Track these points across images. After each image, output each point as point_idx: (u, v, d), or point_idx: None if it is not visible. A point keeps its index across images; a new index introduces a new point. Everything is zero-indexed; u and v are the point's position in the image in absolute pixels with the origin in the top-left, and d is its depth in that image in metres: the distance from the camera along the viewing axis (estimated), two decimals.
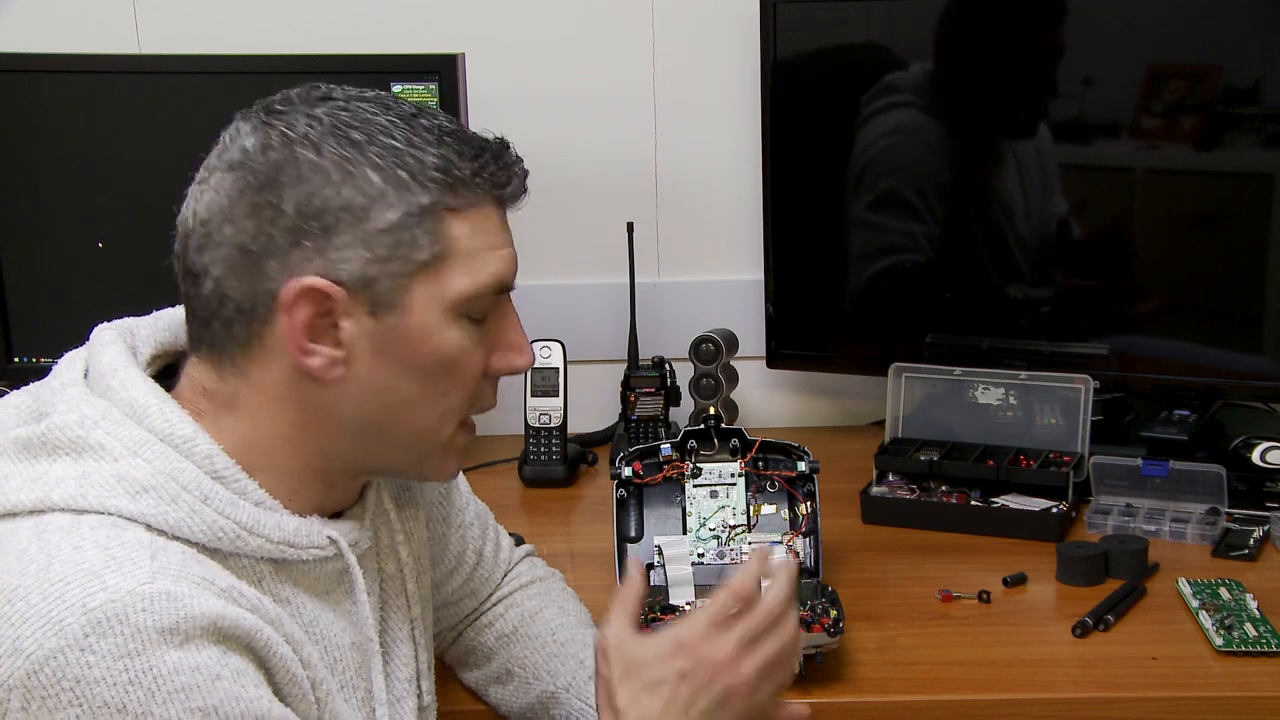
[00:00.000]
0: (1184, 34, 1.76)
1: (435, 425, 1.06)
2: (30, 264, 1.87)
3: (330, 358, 1.01)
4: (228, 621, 0.92)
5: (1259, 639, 1.37)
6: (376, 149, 1.00)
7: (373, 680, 1.10)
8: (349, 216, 0.99)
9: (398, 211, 0.99)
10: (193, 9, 2.01)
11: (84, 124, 1.82)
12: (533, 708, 1.31)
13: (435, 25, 2.03)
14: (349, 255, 0.99)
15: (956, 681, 1.35)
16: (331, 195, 0.99)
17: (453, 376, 1.05)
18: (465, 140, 1.03)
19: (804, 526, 1.50)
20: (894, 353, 1.87)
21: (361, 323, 1.01)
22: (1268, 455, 1.70)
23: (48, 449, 0.98)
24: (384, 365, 1.02)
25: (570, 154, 2.07)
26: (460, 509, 1.35)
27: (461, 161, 1.02)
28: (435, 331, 1.02)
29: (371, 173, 0.99)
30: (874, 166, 1.91)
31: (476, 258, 1.03)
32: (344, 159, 0.99)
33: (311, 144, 0.99)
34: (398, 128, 1.01)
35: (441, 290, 1.02)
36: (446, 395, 1.05)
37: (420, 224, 1.00)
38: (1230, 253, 1.80)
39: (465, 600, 1.37)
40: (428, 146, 1.01)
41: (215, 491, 0.99)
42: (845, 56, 1.96)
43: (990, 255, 1.91)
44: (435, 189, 1.00)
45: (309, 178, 0.99)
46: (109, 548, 0.92)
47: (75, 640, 0.87)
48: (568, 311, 2.07)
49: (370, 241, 0.99)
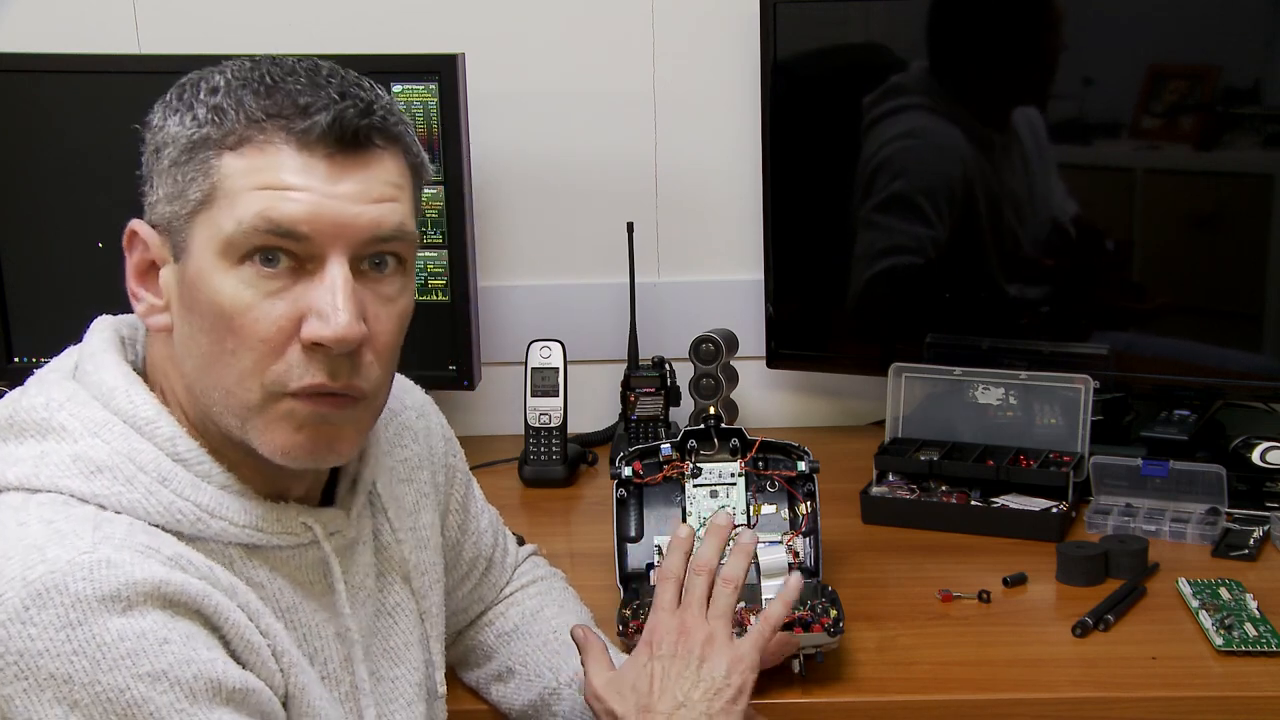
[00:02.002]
0: (1184, 34, 1.76)
1: (234, 388, 0.98)
2: (30, 264, 1.87)
3: (150, 304, 1.02)
4: (172, 587, 0.91)
5: (1259, 639, 1.37)
6: (193, 95, 0.99)
7: (355, 672, 1.09)
8: (154, 158, 1.00)
9: (178, 148, 0.98)
10: (193, 9, 2.01)
11: (84, 124, 1.82)
12: (534, 704, 1.31)
13: (435, 25, 2.02)
14: (157, 197, 1.00)
15: (956, 681, 1.35)
16: (151, 140, 1.00)
17: (235, 332, 0.96)
18: (279, 81, 0.98)
19: (804, 526, 1.50)
20: (894, 353, 1.87)
21: (172, 269, 1.00)
22: (1268, 455, 1.70)
23: (15, 430, 0.98)
24: (185, 316, 0.99)
25: (570, 154, 2.07)
26: (475, 516, 1.35)
27: (250, 98, 0.97)
28: (211, 277, 0.97)
29: (176, 115, 0.99)
30: (886, 168, 1.91)
31: (244, 197, 0.96)
32: (168, 108, 1.00)
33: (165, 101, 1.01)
34: (235, 77, 0.99)
35: (212, 231, 0.97)
36: (235, 354, 0.97)
37: (190, 159, 0.97)
38: (1230, 253, 1.80)
39: (473, 606, 1.38)
40: (234, 90, 0.98)
41: (175, 473, 0.98)
42: (845, 56, 1.96)
43: (996, 255, 1.91)
44: (211, 125, 0.97)
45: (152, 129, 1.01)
46: (54, 522, 0.92)
47: (16, 613, 0.87)
48: (568, 311, 2.07)
49: (164, 180, 0.99)
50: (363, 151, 0.98)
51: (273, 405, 0.98)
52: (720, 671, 1.16)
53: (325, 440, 1.00)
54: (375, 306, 1.00)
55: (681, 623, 1.20)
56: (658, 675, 1.17)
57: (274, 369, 0.97)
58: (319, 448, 1.00)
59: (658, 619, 1.22)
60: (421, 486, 1.23)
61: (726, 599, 1.21)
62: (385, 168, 1.00)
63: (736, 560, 1.25)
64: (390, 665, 1.15)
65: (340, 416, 1.00)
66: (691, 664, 1.17)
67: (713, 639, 1.18)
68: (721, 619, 1.20)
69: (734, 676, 1.16)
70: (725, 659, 1.17)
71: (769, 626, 1.22)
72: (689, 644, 1.18)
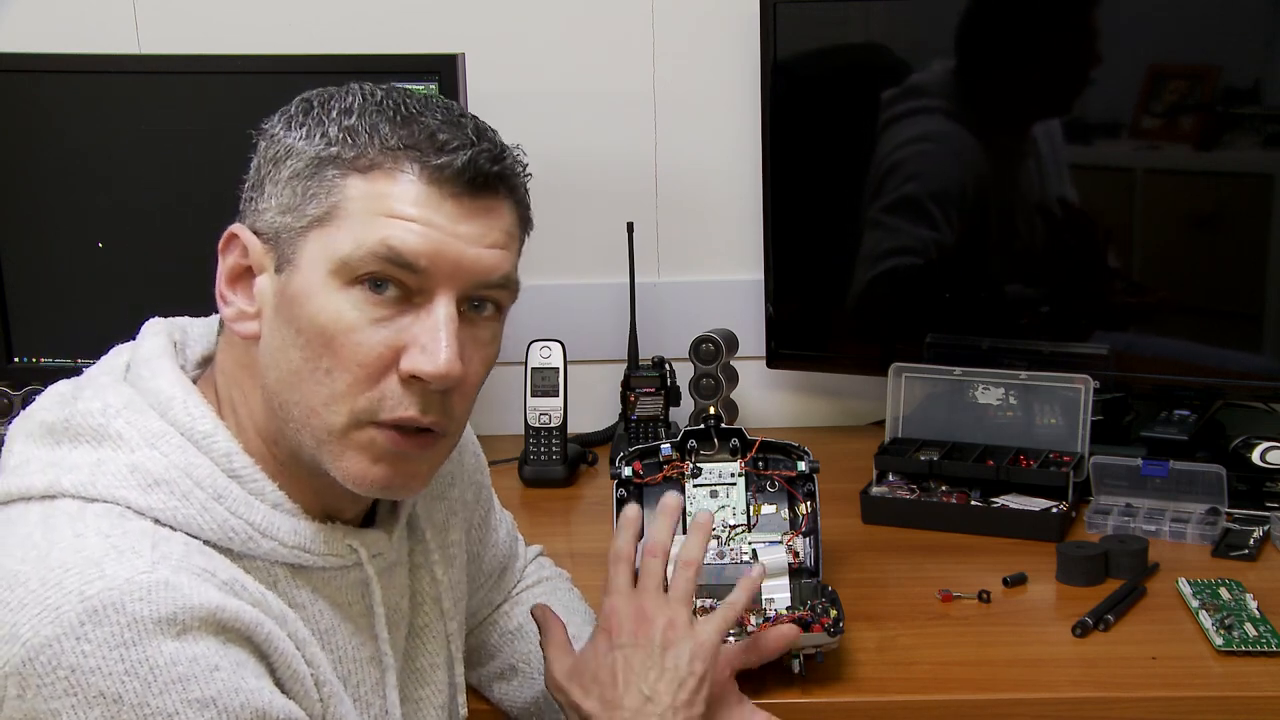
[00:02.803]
0: (1184, 34, 1.76)
1: (320, 408, 0.97)
2: (30, 264, 1.86)
3: (240, 310, 1.01)
4: (227, 613, 0.91)
5: (1259, 639, 1.37)
6: (332, 110, 1.00)
7: (387, 696, 1.09)
8: (272, 168, 1.00)
9: (302, 161, 0.98)
10: (193, 9, 2.01)
11: (84, 124, 1.82)
12: (536, 702, 1.31)
13: (435, 25, 2.02)
14: (267, 205, 1.00)
15: (956, 681, 1.35)
16: (270, 150, 1.01)
17: (334, 353, 0.97)
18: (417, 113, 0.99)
19: (804, 526, 1.50)
20: (894, 353, 1.87)
21: (271, 279, 1.00)
22: (1268, 455, 1.70)
23: (69, 435, 0.98)
24: (279, 327, 0.99)
25: (570, 154, 2.07)
26: (494, 528, 1.35)
27: (385, 125, 0.98)
28: (317, 294, 0.97)
29: (304, 129, 0.99)
30: (898, 170, 1.90)
31: (368, 220, 0.96)
32: (293, 121, 1.00)
33: (289, 114, 1.02)
34: (369, 101, 1.00)
35: (327, 249, 0.97)
36: (330, 375, 0.97)
37: (316, 175, 0.98)
38: (1230, 253, 1.80)
39: (481, 609, 1.38)
40: (368, 114, 0.99)
41: (230, 490, 0.98)
42: (845, 56, 1.96)
43: (997, 255, 1.91)
44: (342, 144, 0.98)
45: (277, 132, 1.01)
46: (111, 535, 0.91)
47: (71, 628, 0.86)
48: (568, 311, 2.07)
49: (280, 191, 0.99)
50: (488, 196, 1.00)
51: (356, 432, 0.98)
52: (684, 659, 1.15)
53: (402, 476, 1.01)
54: (470, 348, 1.01)
55: (639, 607, 1.18)
56: (620, 666, 1.15)
57: (367, 396, 0.97)
58: (394, 482, 1.01)
59: (614, 603, 1.19)
60: (452, 504, 1.22)
61: (686, 581, 1.19)
62: (504, 215, 1.02)
63: (694, 539, 1.22)
64: (416, 687, 1.15)
65: (419, 456, 1.01)
66: (654, 653, 1.15)
67: (674, 624, 1.16)
68: (682, 602, 1.18)
69: (697, 664, 1.15)
70: (688, 645, 1.15)
71: (733, 612, 1.20)
72: (649, 630, 1.16)
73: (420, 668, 1.15)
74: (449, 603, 1.18)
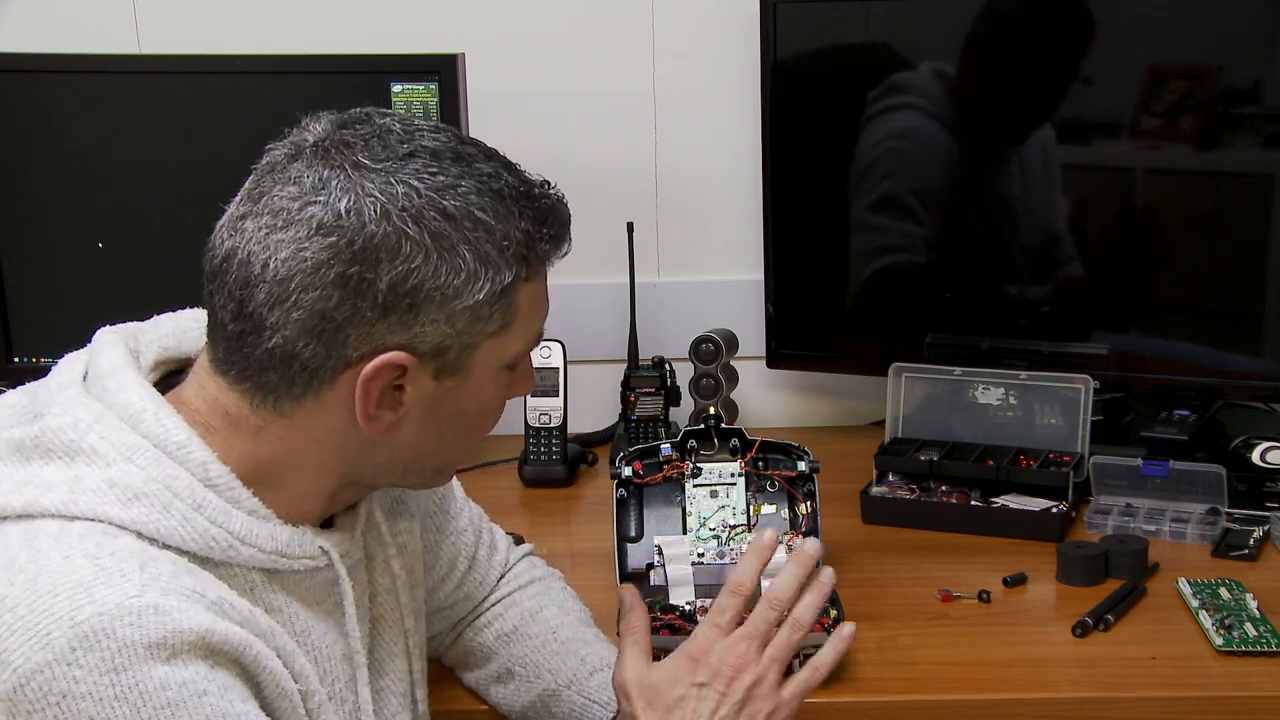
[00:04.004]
0: (1184, 34, 1.76)
1: (462, 458, 1.14)
2: (30, 264, 1.87)
3: (390, 421, 1.01)
4: (217, 636, 0.91)
5: (1259, 639, 1.37)
6: (469, 224, 0.98)
7: (359, 693, 1.09)
8: (439, 295, 0.97)
9: (484, 290, 0.99)
10: (193, 9, 2.01)
11: (84, 124, 1.82)
12: (534, 706, 1.31)
13: (435, 25, 2.02)
14: (431, 330, 0.98)
15: (956, 681, 1.35)
16: (427, 274, 0.96)
17: (491, 418, 1.09)
18: (532, 199, 1.02)
19: (804, 526, 1.50)
20: (894, 353, 1.87)
21: (424, 385, 1.01)
22: (1268, 455, 1.70)
23: (40, 451, 0.97)
24: (434, 420, 1.04)
25: (570, 154, 2.06)
26: (454, 515, 1.34)
27: (537, 230, 1.02)
28: (489, 388, 1.05)
29: (465, 250, 0.98)
30: (875, 168, 1.91)
31: (532, 319, 1.05)
32: (440, 235, 0.97)
33: (411, 218, 0.96)
34: (484, 194, 0.99)
35: (501, 353, 1.04)
36: (479, 433, 1.10)
37: (500, 300, 1.00)
38: (1230, 253, 1.80)
39: (459, 604, 1.37)
40: (510, 218, 1.00)
41: (208, 499, 0.98)
42: (845, 56, 1.96)
43: (991, 256, 1.91)
44: (517, 265, 1.00)
45: (407, 255, 0.96)
46: (98, 558, 0.91)
47: (62, 654, 0.86)
48: (568, 311, 2.06)
49: (454, 318, 0.99)
50: None
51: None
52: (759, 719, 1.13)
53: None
54: None
55: (736, 654, 1.14)
56: (693, 702, 1.13)
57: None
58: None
59: (711, 637, 1.15)
60: (400, 492, 1.22)
61: (791, 645, 1.15)
62: None
63: (812, 602, 1.18)
64: (376, 676, 1.15)
65: None
66: (732, 706, 1.13)
67: (761, 682, 1.13)
68: (778, 664, 1.15)
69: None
70: (767, 708, 1.13)
71: (818, 675, 1.17)
72: (737, 684, 1.13)
73: (379, 658, 1.16)
74: (405, 595, 1.18)
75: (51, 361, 1.07)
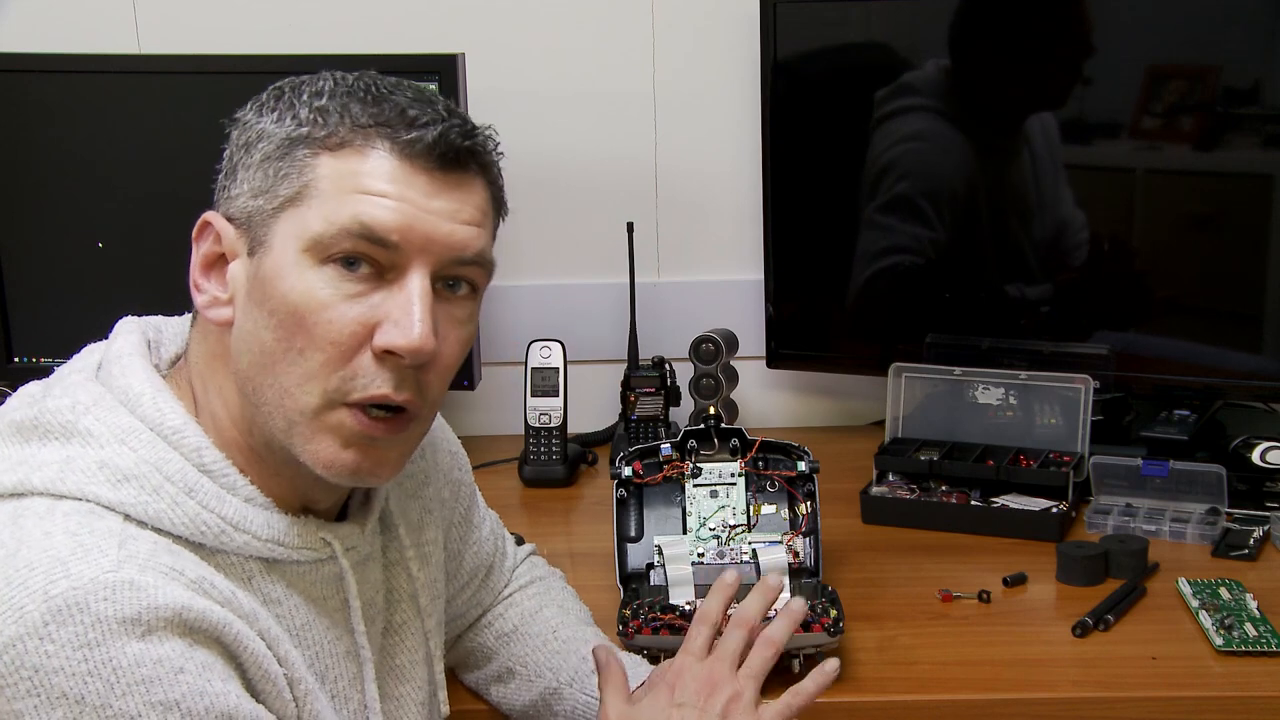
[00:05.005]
0: (1184, 34, 1.76)
1: (293, 388, 0.97)
2: (30, 264, 1.87)
3: (214, 296, 1.01)
4: (194, 613, 0.90)
5: (1259, 639, 1.37)
6: (294, 96, 1.00)
7: (365, 690, 1.09)
8: (243, 154, 1.00)
9: (273, 144, 0.99)
10: (193, 9, 2.01)
11: (84, 124, 1.82)
12: (535, 705, 1.31)
13: (435, 25, 2.02)
14: (239, 191, 1.00)
15: (956, 681, 1.35)
16: (241, 136, 1.01)
17: (307, 332, 0.96)
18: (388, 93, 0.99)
19: (804, 526, 1.50)
20: (894, 353, 1.87)
21: (244, 263, 1.00)
22: (1268, 455, 1.70)
23: (38, 432, 0.97)
24: (252, 311, 0.98)
25: (570, 154, 2.07)
26: (476, 525, 1.34)
27: (355, 104, 0.98)
28: (290, 273, 0.97)
29: (275, 114, 1.00)
30: (891, 169, 1.91)
31: (339, 198, 0.96)
32: (264, 107, 1.01)
33: (260, 101, 1.02)
34: (340, 84, 1.00)
35: (298, 228, 0.97)
36: (303, 354, 0.97)
37: (287, 156, 0.98)
38: (1230, 253, 1.80)
39: (470, 611, 1.37)
40: (344, 95, 0.99)
41: (201, 485, 0.97)
42: (845, 56, 1.96)
43: (998, 256, 1.91)
44: (312, 125, 0.98)
45: (243, 125, 1.02)
46: (78, 534, 0.91)
47: (35, 628, 0.86)
48: (568, 311, 2.07)
49: (252, 175, 0.99)
50: (460, 172, 1.00)
51: (327, 413, 0.98)
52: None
53: (371, 462, 1.00)
54: (445, 326, 1.00)
55: (710, 674, 1.14)
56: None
57: (339, 374, 0.97)
58: (363, 468, 1.00)
59: (685, 663, 1.16)
60: (427, 502, 1.22)
61: (763, 661, 1.15)
62: (477, 193, 1.02)
63: (783, 625, 1.18)
64: (396, 684, 1.14)
65: (389, 440, 1.00)
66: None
67: (738, 699, 1.13)
68: (753, 679, 1.14)
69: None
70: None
71: (800, 700, 1.15)
72: (714, 700, 1.12)
73: (399, 665, 1.15)
74: (425, 600, 1.17)
75: (51, 361, 1.08)
